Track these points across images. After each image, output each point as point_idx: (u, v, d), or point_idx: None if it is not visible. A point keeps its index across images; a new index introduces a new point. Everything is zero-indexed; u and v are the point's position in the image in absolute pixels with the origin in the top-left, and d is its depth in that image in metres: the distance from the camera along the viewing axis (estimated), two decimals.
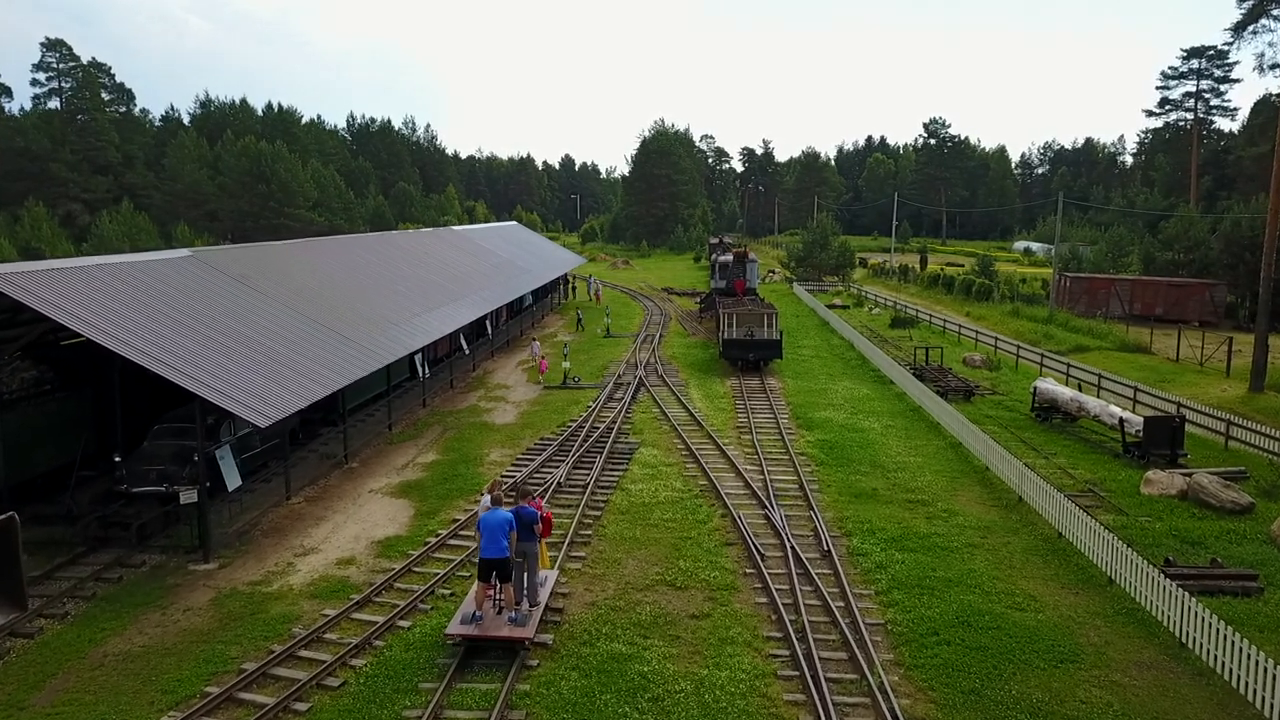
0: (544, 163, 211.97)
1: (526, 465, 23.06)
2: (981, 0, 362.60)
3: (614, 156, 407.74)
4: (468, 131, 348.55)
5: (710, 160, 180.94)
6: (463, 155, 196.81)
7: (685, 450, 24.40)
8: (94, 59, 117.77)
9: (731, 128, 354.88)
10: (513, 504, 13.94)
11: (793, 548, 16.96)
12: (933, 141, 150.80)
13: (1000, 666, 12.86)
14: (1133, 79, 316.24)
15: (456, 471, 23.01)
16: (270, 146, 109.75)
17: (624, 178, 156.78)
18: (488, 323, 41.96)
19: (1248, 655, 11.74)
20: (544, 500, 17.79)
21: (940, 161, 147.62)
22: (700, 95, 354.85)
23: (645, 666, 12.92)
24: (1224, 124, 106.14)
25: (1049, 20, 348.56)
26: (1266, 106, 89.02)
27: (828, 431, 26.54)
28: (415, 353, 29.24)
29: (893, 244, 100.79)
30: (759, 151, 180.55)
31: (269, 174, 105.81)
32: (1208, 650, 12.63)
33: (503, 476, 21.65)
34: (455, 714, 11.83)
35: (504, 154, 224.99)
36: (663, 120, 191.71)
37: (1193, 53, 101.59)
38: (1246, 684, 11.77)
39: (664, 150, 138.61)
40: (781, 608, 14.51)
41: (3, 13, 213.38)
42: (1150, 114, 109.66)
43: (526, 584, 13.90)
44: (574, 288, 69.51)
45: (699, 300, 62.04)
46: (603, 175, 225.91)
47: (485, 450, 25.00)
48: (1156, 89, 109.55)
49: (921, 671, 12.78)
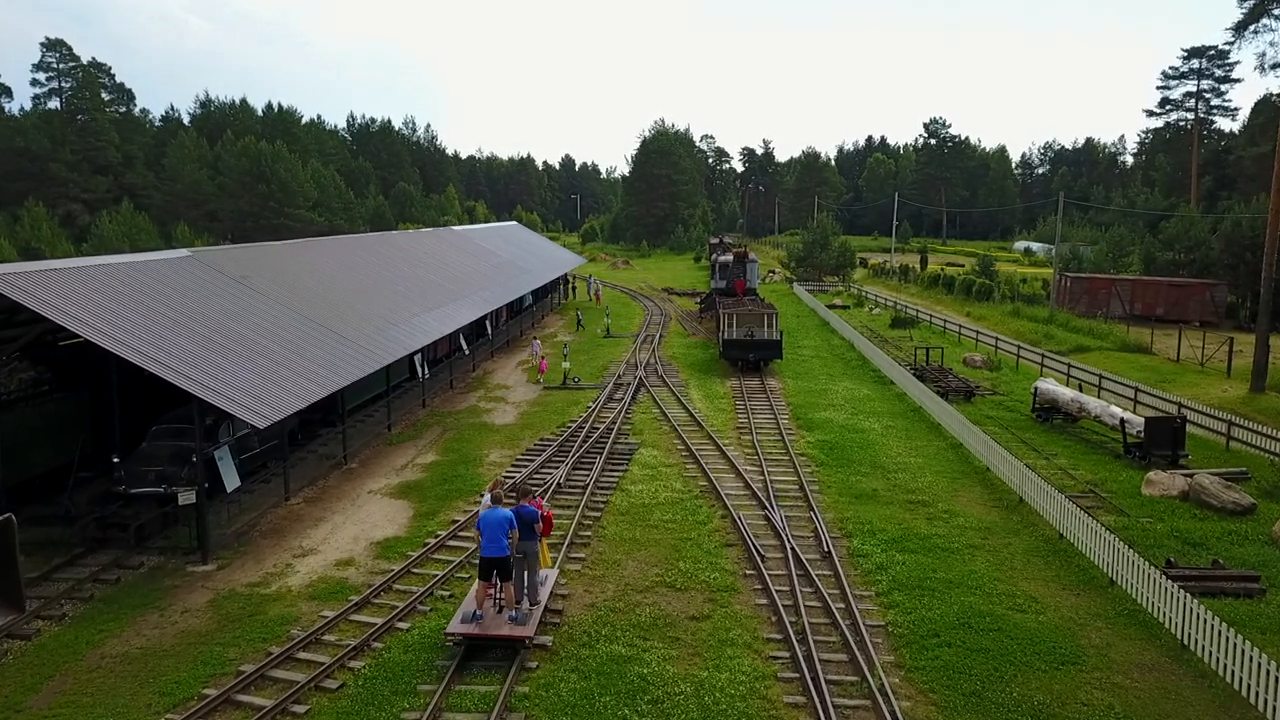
0: (544, 163, 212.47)
1: (526, 466, 23.01)
2: (981, 0, 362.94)
3: (614, 156, 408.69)
4: (468, 131, 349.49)
5: (710, 160, 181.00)
6: (463, 155, 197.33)
7: (685, 451, 24.35)
8: (94, 59, 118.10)
9: (731, 128, 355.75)
10: (513, 503, 13.91)
11: (793, 549, 16.91)
12: (933, 141, 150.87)
13: (1001, 668, 12.82)
14: (1133, 79, 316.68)
15: (456, 472, 22.96)
16: (270, 146, 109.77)
17: (624, 178, 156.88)
18: (487, 323, 41.93)
19: (1250, 657, 11.70)
20: (544, 500, 17.73)
21: (940, 161, 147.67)
22: (700, 95, 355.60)
23: (645, 668, 12.87)
24: (1225, 124, 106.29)
25: (1049, 20, 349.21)
26: (1267, 106, 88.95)
27: (828, 432, 26.49)
28: (415, 353, 29.20)
29: (893, 244, 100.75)
30: (759, 151, 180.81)
31: (269, 174, 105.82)
32: (1209, 652, 12.59)
33: (503, 477, 21.60)
34: (454, 716, 11.78)
35: (504, 154, 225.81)
36: (663, 120, 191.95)
37: (1193, 52, 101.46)
38: (1249, 686, 11.72)
39: (664, 150, 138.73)
40: (782, 609, 14.46)
41: (3, 13, 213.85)
42: (1151, 114, 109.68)
43: (527, 583, 13.88)
44: (574, 288, 69.46)
45: (699, 300, 62.01)
46: (603, 175, 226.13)
47: (485, 451, 24.96)
48: (1157, 89, 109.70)
49: (922, 673, 12.74)
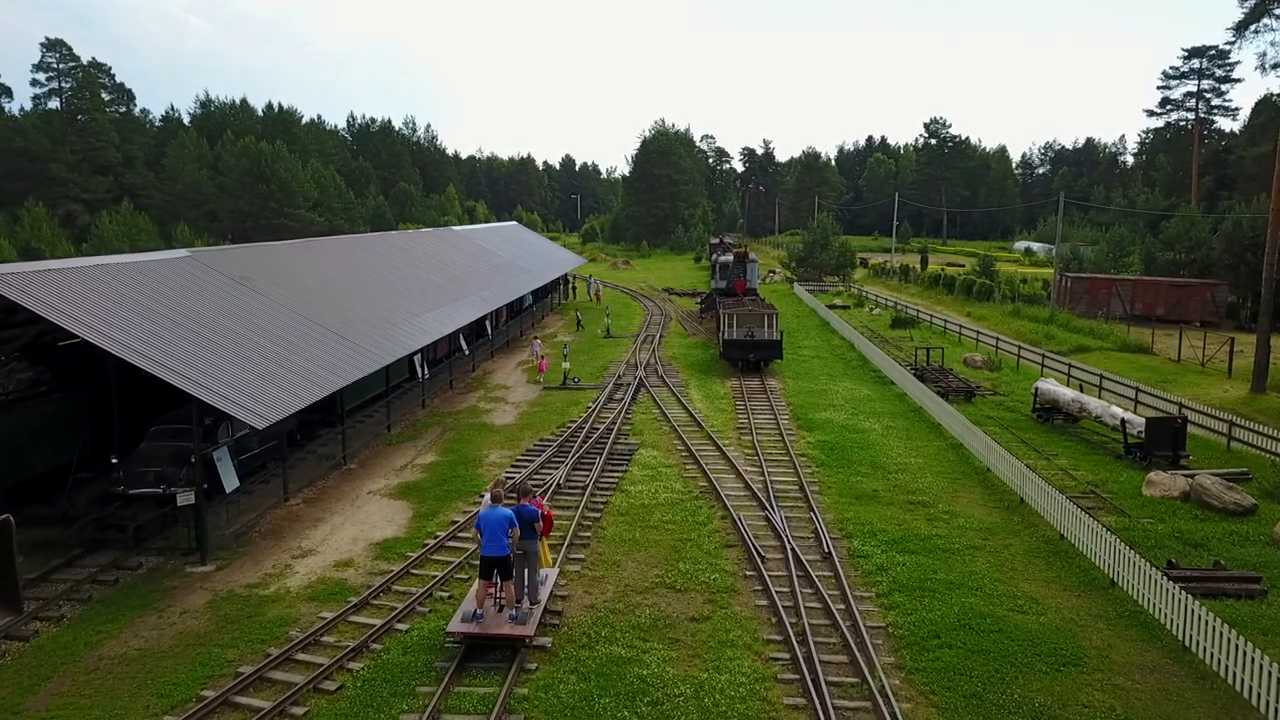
0: (544, 163, 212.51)
1: (526, 466, 22.97)
2: (981, 0, 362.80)
3: (614, 156, 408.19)
4: (468, 131, 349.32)
5: (710, 160, 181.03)
6: (463, 155, 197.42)
7: (685, 451, 24.31)
8: (94, 59, 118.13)
9: (732, 128, 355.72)
10: (513, 503, 13.88)
11: (793, 549, 16.87)
12: (933, 141, 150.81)
13: (1002, 670, 12.78)
14: (1133, 79, 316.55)
15: (455, 473, 22.92)
16: (270, 146, 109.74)
17: (624, 178, 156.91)
18: (487, 323, 41.89)
19: (1251, 659, 11.65)
20: (544, 500, 17.68)
21: (941, 161, 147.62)
22: (700, 95, 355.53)
23: (644, 670, 12.83)
24: (1225, 124, 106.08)
25: (1049, 20, 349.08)
26: (1268, 106, 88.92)
27: (828, 432, 26.44)
28: (414, 353, 29.16)
29: (893, 244, 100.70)
30: (759, 151, 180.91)
31: (269, 174, 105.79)
32: (1211, 654, 12.55)
33: (504, 477, 21.55)
34: (453, 718, 11.74)
35: (504, 154, 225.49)
36: (663, 120, 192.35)
37: (1194, 52, 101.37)
38: (1250, 688, 11.68)
39: (664, 150, 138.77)
40: (782, 610, 14.42)
41: (3, 13, 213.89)
42: (1151, 114, 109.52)
43: (527, 582, 13.86)
44: (574, 288, 69.41)
45: (699, 300, 61.98)
46: (603, 175, 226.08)
47: (484, 451, 24.91)
48: (1157, 89, 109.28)
49: (923, 675, 12.70)
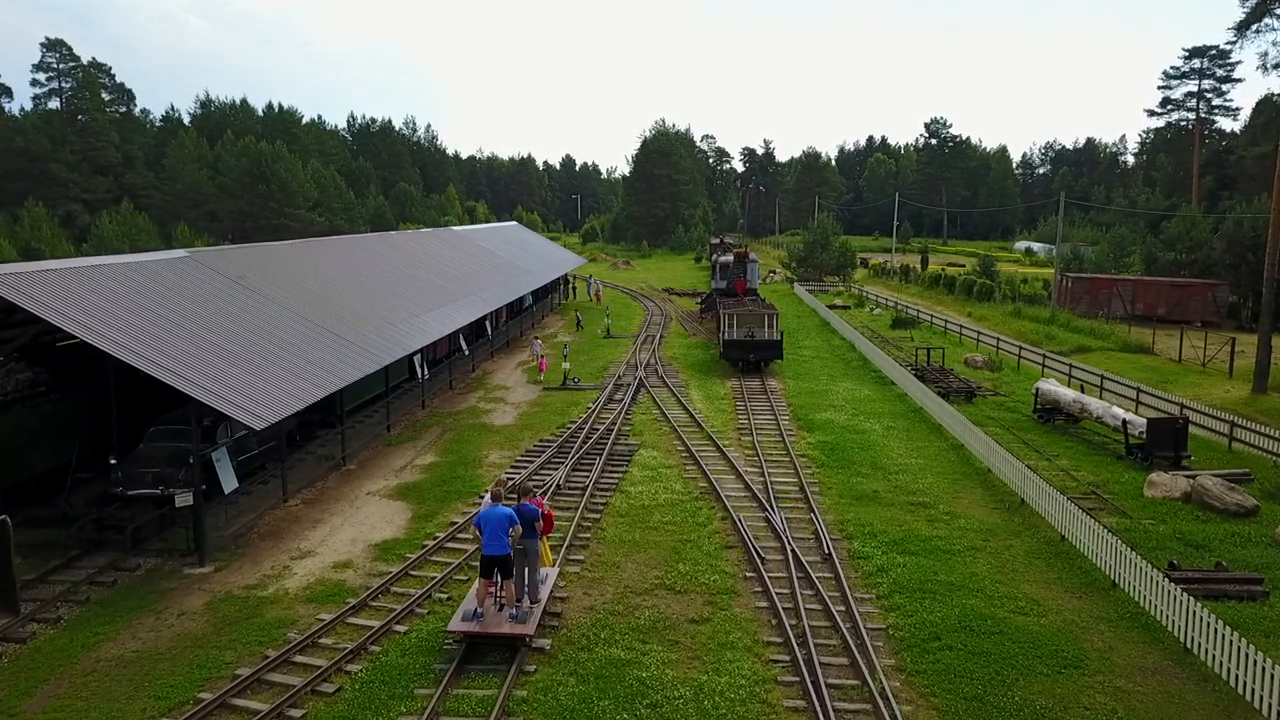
0: (544, 163, 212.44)
1: (525, 467, 22.91)
2: (981, 0, 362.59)
3: (615, 156, 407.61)
4: (468, 131, 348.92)
5: (711, 160, 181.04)
6: (463, 155, 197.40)
7: (685, 452, 24.26)
8: (94, 59, 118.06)
9: (732, 128, 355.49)
10: (513, 503, 13.86)
11: (793, 551, 16.81)
12: (934, 141, 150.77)
13: (1003, 672, 12.72)
14: (1134, 79, 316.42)
15: (455, 474, 22.87)
16: (270, 146, 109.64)
17: (625, 178, 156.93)
18: (487, 323, 41.85)
19: (1253, 660, 11.60)
20: (544, 499, 17.64)
21: (941, 161, 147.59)
22: (700, 95, 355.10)
23: (644, 672, 12.78)
24: (1226, 124, 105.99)
25: (1049, 20, 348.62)
26: (1269, 106, 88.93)
27: (829, 433, 26.39)
28: (414, 354, 29.12)
29: (894, 244, 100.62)
30: (760, 151, 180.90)
31: (269, 174, 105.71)
32: (1213, 655, 12.49)
33: (504, 477, 21.47)
34: None
35: (504, 154, 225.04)
36: (663, 120, 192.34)
37: (1194, 52, 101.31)
38: (1252, 690, 11.62)
39: (665, 150, 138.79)
40: (782, 612, 14.36)
41: (3, 13, 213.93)
42: (1152, 114, 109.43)
43: (528, 581, 13.83)
44: (574, 288, 69.37)
45: (699, 301, 61.94)
46: (603, 175, 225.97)
47: (484, 452, 24.86)
48: (1158, 88, 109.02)
49: (923, 677, 12.64)
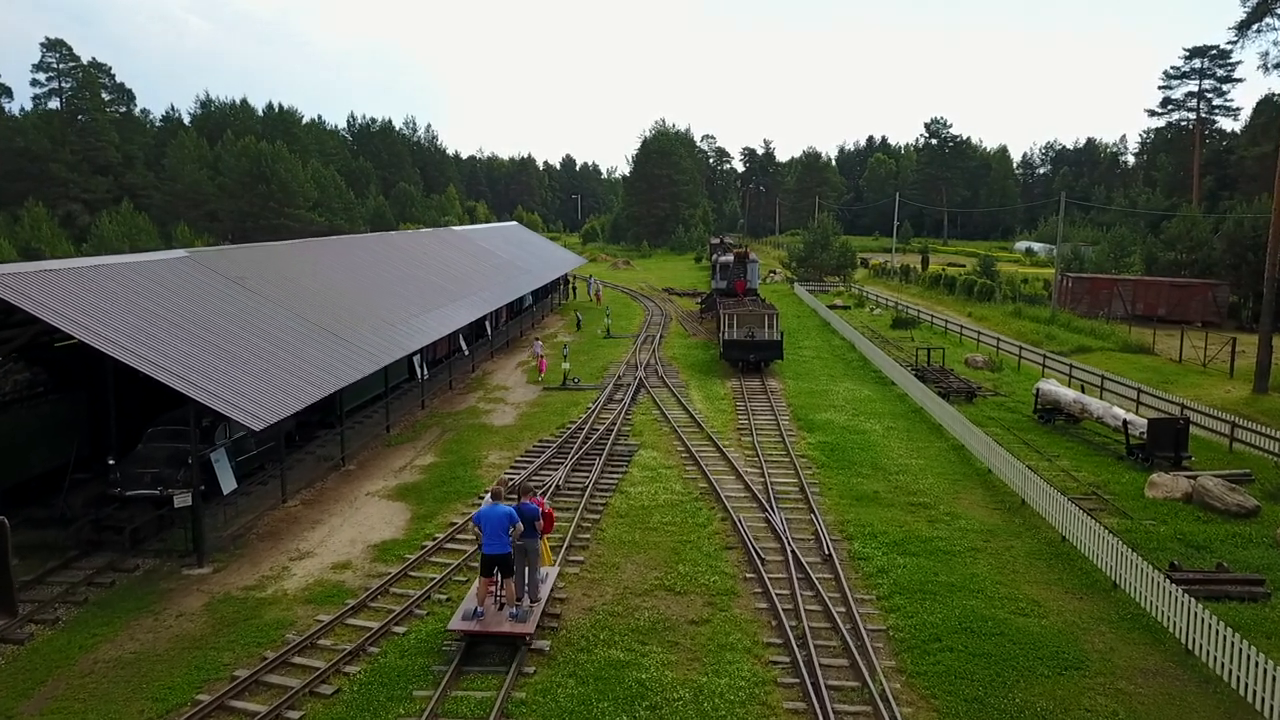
0: (545, 163, 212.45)
1: (525, 468, 22.87)
2: (981, 0, 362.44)
3: (615, 157, 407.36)
4: (468, 132, 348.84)
5: (711, 160, 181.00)
6: (463, 155, 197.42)
7: (685, 452, 24.21)
8: (94, 59, 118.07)
9: (732, 128, 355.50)
10: (513, 502, 13.84)
11: (793, 552, 16.77)
12: (934, 141, 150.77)
13: (1004, 674, 12.68)
14: (1134, 79, 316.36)
15: (455, 474, 22.82)
16: (270, 146, 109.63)
17: (625, 178, 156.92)
18: (487, 323, 41.81)
19: (1255, 662, 11.56)
20: (544, 499, 17.61)
21: (941, 161, 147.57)
22: (700, 95, 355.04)
23: (643, 673, 12.74)
24: (1226, 123, 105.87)
25: (1049, 20, 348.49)
26: (1269, 106, 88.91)
27: (829, 433, 26.34)
28: (414, 354, 29.08)
29: (894, 244, 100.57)
30: (760, 151, 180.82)
31: (269, 174, 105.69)
32: (1214, 657, 12.45)
33: (505, 477, 21.44)
34: None
35: (505, 154, 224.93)
36: (663, 120, 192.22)
37: (1195, 52, 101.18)
38: (1254, 691, 11.58)
39: (665, 150, 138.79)
40: (782, 613, 14.32)
41: (3, 13, 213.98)
42: (1152, 113, 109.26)
43: (528, 580, 13.81)
44: (574, 288, 69.33)
45: (700, 301, 61.90)
46: (604, 175, 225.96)
47: (484, 453, 24.82)
48: (1159, 88, 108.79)
49: (924, 679, 12.59)
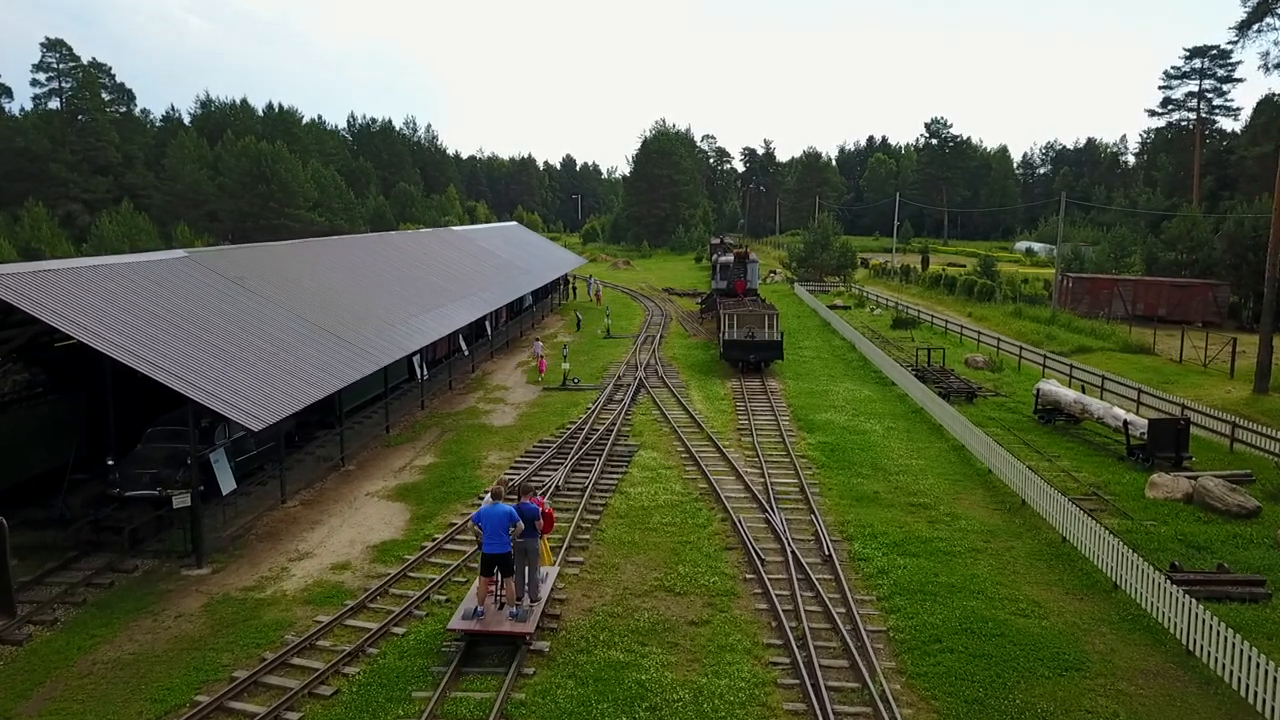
0: (545, 163, 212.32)
1: (525, 468, 22.84)
2: (981, 0, 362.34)
3: (615, 157, 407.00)
4: (468, 132, 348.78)
5: (711, 160, 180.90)
6: (464, 155, 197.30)
7: (685, 453, 24.19)
8: (94, 59, 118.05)
9: (732, 128, 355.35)
10: (514, 502, 13.82)
11: (793, 552, 16.74)
12: (934, 141, 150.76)
13: (1004, 675, 12.65)
14: (1135, 78, 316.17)
15: (454, 474, 22.80)
16: (270, 146, 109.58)
17: (625, 178, 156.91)
18: (487, 323, 41.79)
19: (1256, 663, 11.53)
20: (544, 499, 17.59)
21: (942, 161, 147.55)
22: (701, 95, 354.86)
23: (643, 675, 12.71)
24: (1227, 123, 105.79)
25: (1049, 20, 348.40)
26: (1270, 106, 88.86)
27: (829, 434, 26.32)
28: (413, 354, 29.05)
29: (894, 244, 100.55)
30: (760, 151, 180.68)
31: (269, 174, 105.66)
32: (1215, 658, 12.42)
33: (505, 477, 21.43)
34: None
35: (505, 154, 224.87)
36: (664, 120, 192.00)
37: (1195, 52, 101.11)
38: (1255, 692, 11.55)
39: (665, 150, 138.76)
40: (782, 614, 14.29)
41: (3, 13, 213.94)
42: (1152, 114, 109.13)
43: (528, 579, 13.79)
44: (574, 288, 69.31)
45: (700, 301, 61.88)
46: (604, 175, 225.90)
47: (483, 453, 24.79)
48: (1159, 88, 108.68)
49: (924, 680, 12.57)
